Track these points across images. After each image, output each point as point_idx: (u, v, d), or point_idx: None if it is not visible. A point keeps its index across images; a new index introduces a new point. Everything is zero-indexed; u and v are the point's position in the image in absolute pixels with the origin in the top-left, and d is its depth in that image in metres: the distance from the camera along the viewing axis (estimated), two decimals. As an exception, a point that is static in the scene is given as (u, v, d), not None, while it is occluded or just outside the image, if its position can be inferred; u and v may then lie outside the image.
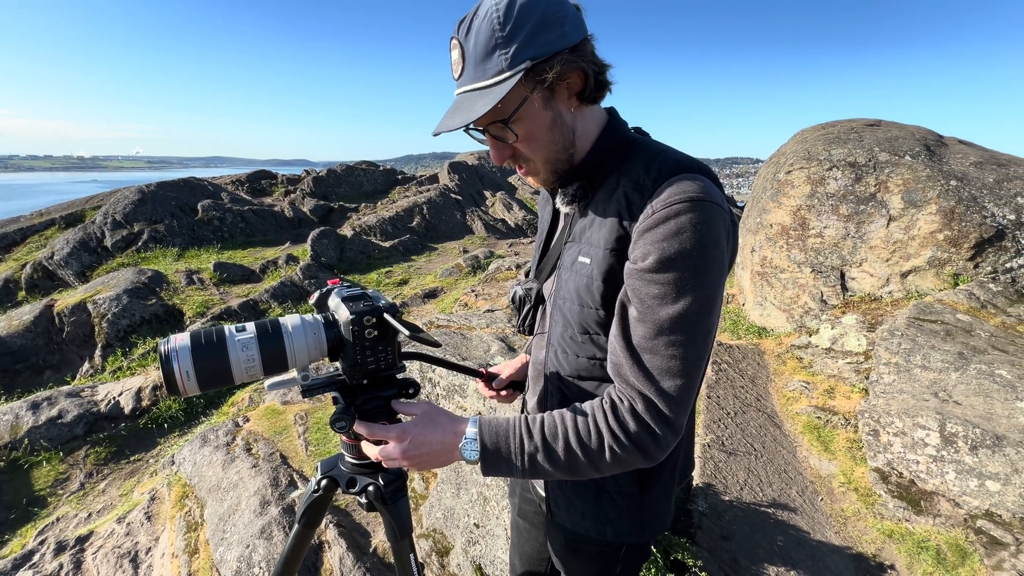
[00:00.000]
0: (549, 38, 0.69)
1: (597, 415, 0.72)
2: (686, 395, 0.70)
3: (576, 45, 0.72)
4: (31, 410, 4.43)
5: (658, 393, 0.69)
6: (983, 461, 2.18)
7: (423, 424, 0.78)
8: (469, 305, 6.86)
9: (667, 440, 0.71)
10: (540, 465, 0.73)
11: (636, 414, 0.70)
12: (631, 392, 0.71)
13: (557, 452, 0.72)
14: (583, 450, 0.71)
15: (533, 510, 1.10)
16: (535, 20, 0.68)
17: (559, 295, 0.85)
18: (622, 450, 0.70)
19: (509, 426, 0.75)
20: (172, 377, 0.69)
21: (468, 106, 0.71)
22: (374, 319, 0.79)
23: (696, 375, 0.71)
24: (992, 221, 3.32)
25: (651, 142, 0.81)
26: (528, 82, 0.71)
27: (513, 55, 0.68)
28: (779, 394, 3.34)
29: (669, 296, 0.67)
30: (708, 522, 2.18)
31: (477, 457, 0.74)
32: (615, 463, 0.72)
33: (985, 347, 2.74)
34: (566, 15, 0.71)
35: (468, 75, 0.72)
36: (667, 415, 0.69)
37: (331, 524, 2.30)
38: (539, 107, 0.73)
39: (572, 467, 0.73)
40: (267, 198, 14.18)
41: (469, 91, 0.73)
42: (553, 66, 0.70)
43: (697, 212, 0.67)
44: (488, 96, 0.69)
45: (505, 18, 0.68)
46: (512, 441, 0.74)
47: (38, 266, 8.88)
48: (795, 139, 4.69)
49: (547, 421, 0.75)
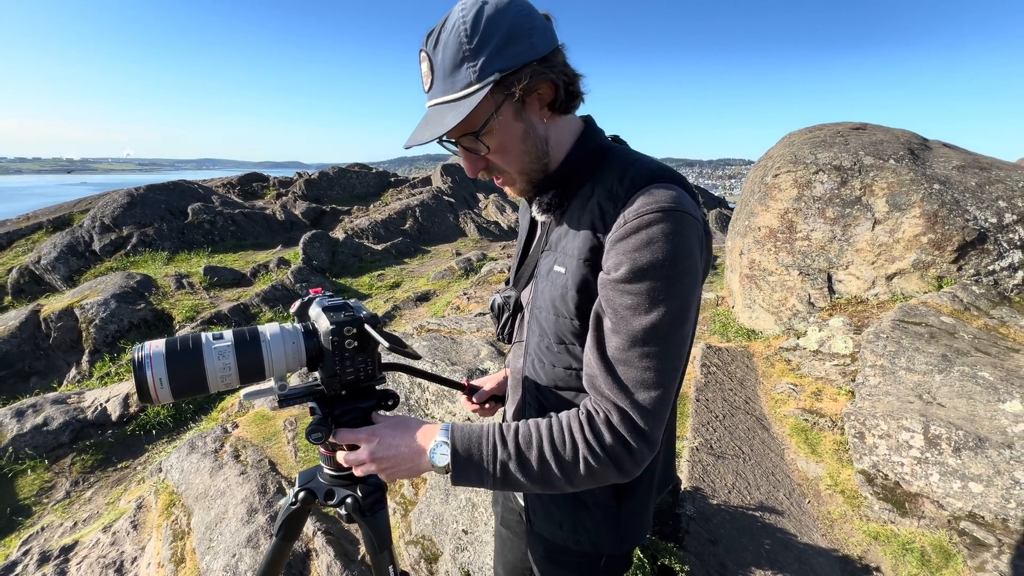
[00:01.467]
0: (517, 50, 0.69)
1: (573, 425, 0.71)
2: (661, 407, 0.69)
3: (546, 56, 0.71)
4: (16, 417, 4.36)
5: (633, 405, 0.69)
6: (966, 463, 2.20)
7: (393, 426, 0.78)
8: (461, 308, 6.85)
9: (642, 454, 0.70)
10: (512, 475, 0.71)
11: (612, 426, 0.69)
12: (606, 404, 0.70)
13: (531, 461, 0.71)
14: (557, 461, 0.70)
15: (515, 519, 1.10)
16: (502, 32, 0.68)
17: (535, 304, 0.85)
18: (597, 463, 0.69)
19: (482, 432, 0.74)
20: (145, 384, 0.68)
21: (438, 119, 0.71)
22: (354, 330, 0.79)
23: (671, 387, 0.70)
24: (974, 224, 3.38)
25: (626, 151, 0.82)
26: (497, 94, 0.70)
27: (481, 67, 0.68)
28: (768, 396, 3.37)
29: (642, 307, 0.67)
30: (696, 526, 2.19)
31: (447, 463, 0.72)
32: (589, 476, 0.71)
33: (968, 349, 2.78)
34: (534, 26, 0.71)
35: (438, 88, 0.72)
36: (642, 428, 0.69)
37: (319, 532, 2.28)
38: (510, 119, 0.73)
39: (545, 478, 0.71)
40: (258, 201, 14.10)
41: (439, 104, 0.73)
42: (522, 78, 0.70)
43: (669, 222, 0.67)
44: (457, 109, 0.69)
45: (472, 31, 0.68)
46: (485, 448, 0.72)
47: (25, 270, 8.76)
48: (782, 143, 4.74)
49: (522, 429, 0.74)
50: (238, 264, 9.57)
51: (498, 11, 0.69)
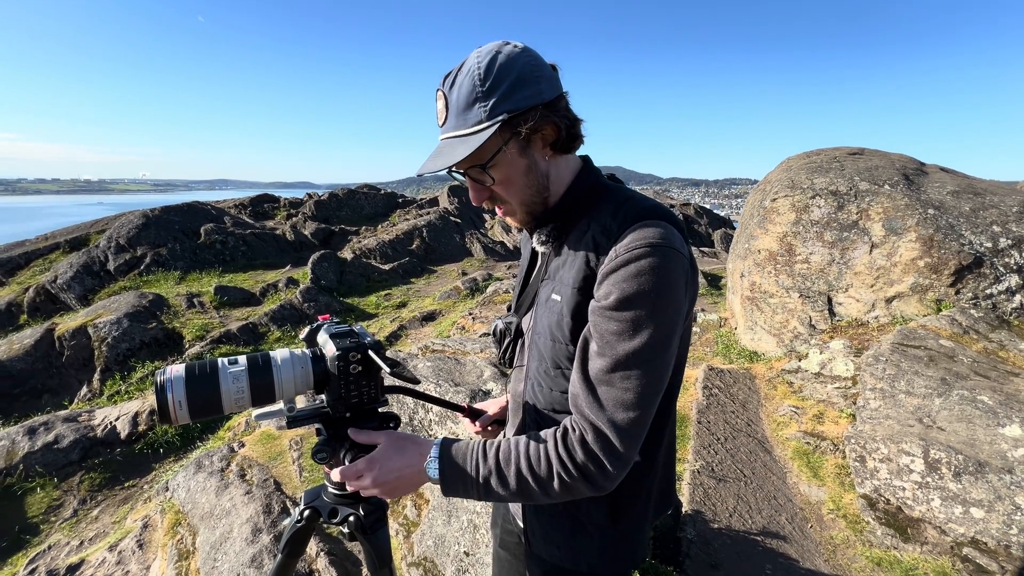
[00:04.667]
0: (525, 94, 0.77)
1: (548, 443, 0.77)
2: (637, 428, 0.74)
3: (551, 101, 0.79)
4: (27, 435, 4.44)
5: (609, 424, 0.73)
6: (967, 488, 2.20)
7: (389, 451, 0.83)
8: (466, 328, 6.91)
9: (615, 471, 0.74)
10: (493, 488, 0.78)
11: (585, 444, 0.74)
12: (583, 422, 0.75)
13: (508, 477, 0.77)
14: (533, 476, 0.76)
15: (514, 541, 1.13)
16: (512, 78, 0.76)
17: (535, 331, 0.90)
18: (569, 478, 0.75)
19: (468, 449, 0.81)
20: (165, 406, 0.74)
21: (449, 151, 0.79)
22: (359, 355, 0.85)
23: (648, 409, 0.75)
24: (970, 249, 3.41)
25: (621, 188, 0.89)
26: (505, 132, 0.78)
27: (491, 108, 0.76)
28: (769, 419, 3.37)
29: (627, 332, 0.72)
30: (696, 550, 2.19)
31: (438, 476, 0.79)
32: (564, 490, 0.76)
33: (967, 373, 2.79)
34: (542, 75, 0.79)
35: (451, 123, 0.80)
36: (616, 447, 0.73)
37: (322, 552, 2.31)
38: (515, 155, 0.80)
39: (524, 492, 0.77)
40: (269, 221, 14.38)
41: (451, 137, 0.81)
42: (528, 119, 0.77)
43: (656, 256, 0.72)
44: (468, 143, 0.77)
45: (485, 75, 0.76)
46: (469, 463, 0.79)
47: (41, 290, 8.97)
48: (780, 167, 4.84)
49: (503, 446, 0.80)
50: (248, 284, 9.73)
51: (509, 60, 0.77)
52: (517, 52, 0.78)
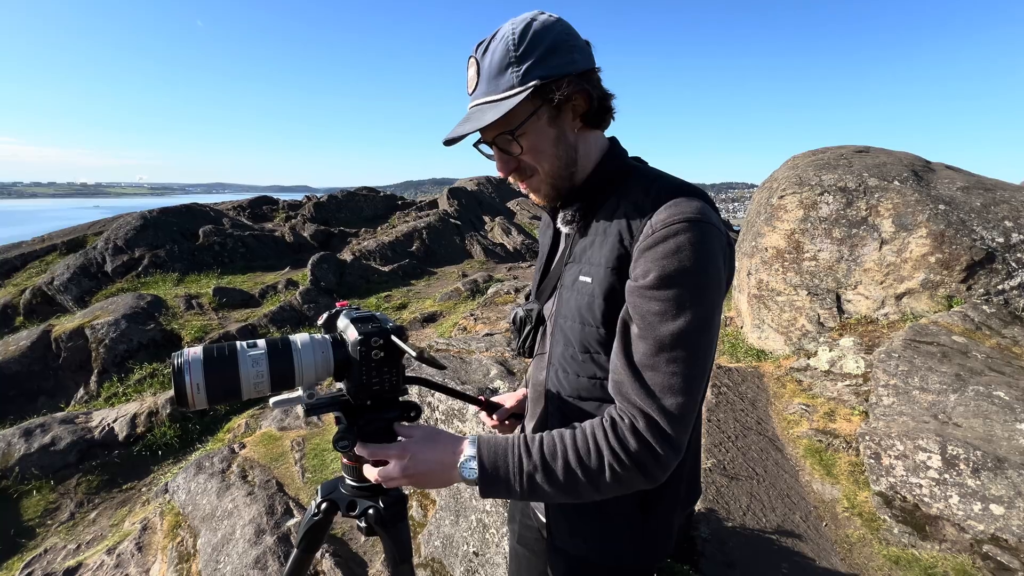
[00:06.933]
0: (558, 62, 0.76)
1: (597, 433, 0.73)
2: (687, 413, 0.70)
3: (584, 72, 0.78)
4: (24, 437, 4.37)
5: (659, 410, 0.69)
6: (986, 484, 2.16)
7: (423, 442, 0.79)
8: (468, 329, 6.86)
9: (668, 459, 0.71)
10: (539, 486, 0.72)
11: (637, 432, 0.70)
12: (632, 410, 0.71)
13: (556, 472, 0.72)
14: (583, 469, 0.71)
15: (533, 536, 1.09)
16: (547, 45, 0.75)
17: (560, 314, 0.87)
18: (623, 469, 0.70)
19: (508, 445, 0.75)
20: (183, 389, 0.70)
21: (478, 116, 0.77)
22: (381, 340, 0.80)
23: (697, 392, 0.72)
24: (982, 244, 3.39)
25: (650, 168, 0.86)
26: (536, 99, 0.76)
27: (524, 73, 0.74)
28: (779, 417, 3.33)
29: (669, 312, 0.69)
30: (711, 549, 2.14)
31: (475, 476, 0.73)
32: (615, 483, 0.72)
33: (982, 368, 2.76)
34: (575, 44, 0.78)
35: (481, 89, 0.78)
36: (668, 433, 0.70)
37: (327, 554, 2.25)
38: (544, 124, 0.78)
39: (572, 487, 0.72)
40: (268, 223, 14.32)
41: (481, 103, 0.78)
42: (560, 87, 0.75)
43: (695, 232, 0.70)
44: (498, 108, 0.75)
45: (520, 40, 0.75)
46: (511, 460, 0.73)
47: (37, 291, 8.89)
48: (787, 165, 4.81)
49: (546, 440, 0.75)
50: (247, 285, 9.66)
51: (544, 27, 0.76)
52: (552, 21, 0.78)
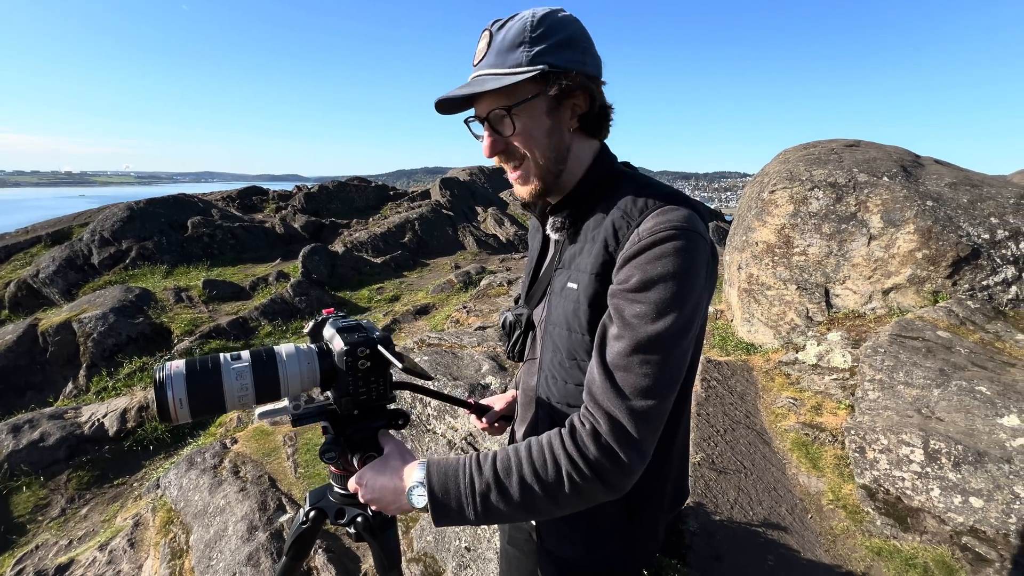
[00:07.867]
0: (570, 56, 0.77)
1: (554, 442, 0.70)
2: (655, 417, 0.69)
3: (591, 75, 0.79)
4: (12, 433, 4.33)
5: (627, 412, 0.68)
6: (966, 477, 2.21)
7: (376, 467, 0.79)
8: (461, 322, 6.86)
9: (633, 465, 0.68)
10: (494, 506, 0.69)
11: (598, 438, 0.68)
12: (597, 412, 0.69)
13: (510, 488, 0.68)
14: (539, 483, 0.68)
15: (523, 538, 1.09)
16: (563, 36, 0.76)
17: (549, 321, 0.87)
18: (581, 479, 0.67)
19: (459, 465, 0.72)
20: (165, 404, 0.70)
21: (479, 82, 0.77)
22: (368, 350, 0.80)
23: (666, 400, 0.70)
24: (967, 240, 3.43)
25: (639, 175, 0.85)
26: (540, 84, 0.76)
27: (535, 55, 0.75)
28: (768, 410, 3.37)
29: (650, 315, 0.69)
30: (699, 542, 2.18)
31: (425, 503, 0.70)
32: (575, 495, 0.68)
33: (965, 363, 2.81)
34: (589, 48, 0.80)
35: (488, 60, 0.78)
36: (634, 436, 0.68)
37: (320, 550, 2.27)
38: (542, 111, 0.78)
39: (530, 504, 0.69)
40: (258, 214, 14.14)
41: (484, 74, 0.78)
42: (567, 79, 0.76)
43: (681, 240, 0.70)
44: (500, 80, 0.75)
45: (539, 24, 0.76)
46: (462, 481, 0.70)
47: (22, 284, 8.74)
48: (778, 159, 4.83)
49: (500, 455, 0.72)
50: (237, 277, 9.57)
51: (565, 20, 0.78)
52: (573, 19, 0.79)
